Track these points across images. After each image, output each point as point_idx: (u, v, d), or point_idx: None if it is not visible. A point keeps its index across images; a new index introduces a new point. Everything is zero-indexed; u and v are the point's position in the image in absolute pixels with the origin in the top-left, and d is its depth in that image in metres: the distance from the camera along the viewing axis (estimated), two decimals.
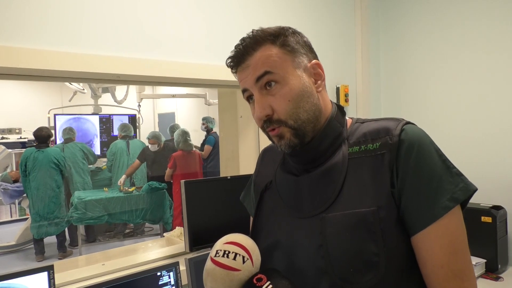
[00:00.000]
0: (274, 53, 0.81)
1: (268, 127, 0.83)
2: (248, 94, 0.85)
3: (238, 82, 0.87)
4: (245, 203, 1.10)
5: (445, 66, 2.42)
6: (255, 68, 0.81)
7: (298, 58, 0.84)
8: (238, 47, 0.84)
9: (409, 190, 0.75)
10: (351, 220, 0.76)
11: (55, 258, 4.96)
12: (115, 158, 5.58)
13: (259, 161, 1.06)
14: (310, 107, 0.82)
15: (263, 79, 0.81)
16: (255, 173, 1.05)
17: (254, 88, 0.82)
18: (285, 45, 0.83)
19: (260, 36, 0.83)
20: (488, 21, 2.22)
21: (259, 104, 0.82)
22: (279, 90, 0.81)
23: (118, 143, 5.67)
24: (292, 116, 0.81)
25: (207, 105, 6.68)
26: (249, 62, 0.82)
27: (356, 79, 2.59)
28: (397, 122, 0.81)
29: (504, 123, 2.18)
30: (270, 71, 0.80)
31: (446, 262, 0.74)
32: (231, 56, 0.86)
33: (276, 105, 0.81)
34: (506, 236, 2.09)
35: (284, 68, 0.81)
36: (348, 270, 0.75)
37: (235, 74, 0.88)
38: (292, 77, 0.81)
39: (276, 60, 0.81)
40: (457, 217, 0.76)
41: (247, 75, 0.82)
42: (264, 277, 0.73)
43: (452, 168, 0.77)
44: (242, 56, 0.83)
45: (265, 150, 1.07)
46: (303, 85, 0.82)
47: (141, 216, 5.11)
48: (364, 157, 0.81)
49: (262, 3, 2.04)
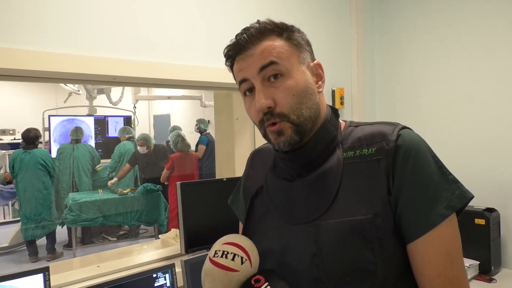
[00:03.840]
0: (280, 44, 0.79)
1: (268, 119, 0.78)
2: (247, 86, 0.81)
3: (235, 72, 0.83)
4: (233, 207, 1.06)
5: (440, 69, 2.44)
6: (260, 57, 0.77)
7: (303, 53, 0.82)
8: (241, 35, 0.80)
9: (406, 197, 0.74)
10: (346, 228, 0.74)
11: (45, 260, 4.93)
12: (123, 159, 5.56)
13: (248, 164, 1.02)
14: (312, 105, 0.80)
15: (267, 69, 0.77)
16: (244, 177, 1.01)
17: (256, 78, 0.78)
18: (291, 39, 0.81)
19: (265, 27, 0.80)
20: (484, 25, 2.24)
21: (261, 93, 0.77)
22: (284, 82, 0.77)
23: (126, 144, 5.66)
24: (295, 111, 0.77)
25: (202, 107, 6.69)
26: (253, 51, 0.78)
27: (352, 81, 2.60)
28: (393, 127, 0.79)
29: (498, 127, 2.20)
30: (276, 62, 0.77)
31: (443, 271, 0.73)
32: (231, 44, 0.81)
33: (279, 97, 0.77)
34: (499, 238, 2.11)
35: (290, 61, 0.78)
36: (344, 280, 0.73)
37: (231, 65, 0.84)
38: (298, 72, 0.79)
39: (283, 51, 0.78)
40: (453, 224, 0.74)
41: (249, 64, 0.78)
42: (262, 278, 0.73)
43: (449, 175, 0.76)
44: (246, 44, 0.79)
45: (254, 153, 1.03)
46: (307, 82, 0.80)
47: (136, 218, 5.09)
48: (359, 163, 0.78)
49: (258, 5, 2.05)
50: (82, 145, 5.56)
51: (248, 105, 0.83)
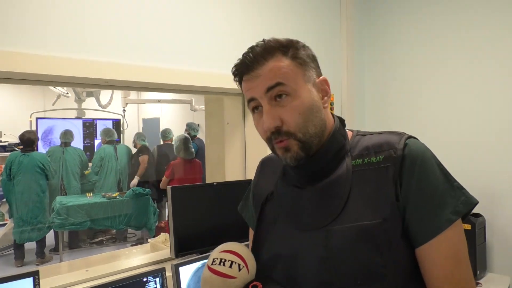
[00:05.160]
0: (286, 64, 0.81)
1: (276, 138, 0.81)
2: (255, 105, 0.84)
3: (243, 90, 0.85)
4: (243, 214, 1.08)
5: (428, 76, 2.49)
6: (267, 78, 0.80)
7: (308, 72, 0.84)
8: (248, 55, 0.82)
9: (413, 204, 0.77)
10: (357, 232, 0.77)
11: (34, 264, 4.87)
12: (104, 163, 5.53)
13: (258, 172, 1.05)
14: (318, 121, 0.83)
15: (274, 90, 0.80)
16: (254, 184, 1.03)
17: (264, 98, 0.81)
18: (297, 57, 0.83)
19: (271, 46, 0.82)
20: (472, 33, 2.29)
21: (269, 115, 0.80)
22: (290, 102, 0.80)
23: (106, 148, 5.61)
24: (301, 130, 0.80)
25: (192, 111, 6.68)
26: (260, 72, 0.80)
27: (341, 88, 2.63)
28: (400, 136, 0.82)
29: (484, 134, 2.25)
30: (282, 83, 0.79)
31: (450, 273, 0.76)
32: (238, 64, 0.84)
33: (286, 117, 0.80)
34: (484, 243, 2.15)
35: (295, 81, 0.81)
36: (355, 283, 0.75)
37: (239, 82, 0.86)
38: (303, 91, 0.81)
39: (288, 72, 0.80)
40: (459, 229, 0.78)
41: (257, 85, 0.81)
42: (260, 284, 0.75)
43: (454, 182, 0.80)
44: (252, 64, 0.81)
45: (263, 161, 1.06)
46: (313, 100, 0.82)
47: (124, 222, 5.05)
48: (367, 170, 0.81)
49: (249, 13, 2.06)
50: (71, 148, 5.51)
51: (256, 122, 0.86)
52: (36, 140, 4.97)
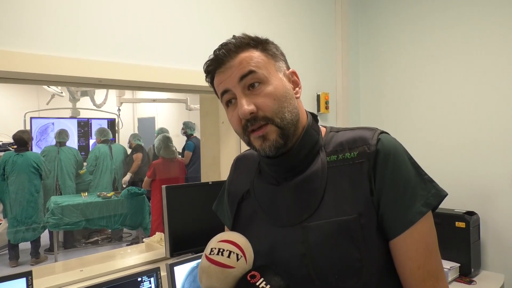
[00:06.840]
0: (257, 55, 0.83)
1: (252, 124, 0.81)
2: (228, 97, 0.84)
3: (216, 86, 0.86)
4: (218, 212, 1.08)
5: (421, 75, 2.50)
6: (239, 68, 0.81)
7: (278, 62, 0.86)
8: (219, 51, 0.84)
9: (387, 198, 0.78)
10: (333, 227, 0.78)
11: (28, 264, 4.85)
12: (99, 162, 5.51)
13: (232, 170, 1.04)
14: (293, 109, 0.83)
15: (247, 78, 0.81)
16: (228, 182, 1.03)
17: (237, 87, 0.81)
18: (266, 49, 0.85)
19: (241, 41, 0.84)
20: (465, 32, 2.31)
21: (243, 100, 0.80)
22: (264, 89, 0.81)
23: (101, 147, 5.60)
24: (278, 114, 0.81)
25: (188, 110, 6.66)
26: (232, 63, 0.82)
27: (336, 87, 2.64)
28: (372, 132, 0.84)
29: (478, 133, 2.26)
30: (255, 71, 0.81)
31: (422, 263, 0.78)
32: (210, 60, 0.85)
33: (261, 102, 0.80)
34: (479, 241, 2.16)
35: (267, 69, 0.83)
36: (333, 277, 0.77)
37: (210, 80, 0.87)
38: (275, 78, 0.83)
39: (260, 61, 0.83)
40: (430, 220, 0.80)
41: (229, 75, 0.82)
42: (258, 274, 0.75)
43: (424, 175, 0.82)
44: (224, 58, 0.83)
45: (237, 159, 1.05)
46: (285, 87, 0.84)
47: (119, 222, 5.03)
48: (342, 166, 0.82)
49: (244, 12, 2.06)
50: (67, 148, 5.49)
51: (230, 115, 0.86)
52: (30, 140, 4.95)
